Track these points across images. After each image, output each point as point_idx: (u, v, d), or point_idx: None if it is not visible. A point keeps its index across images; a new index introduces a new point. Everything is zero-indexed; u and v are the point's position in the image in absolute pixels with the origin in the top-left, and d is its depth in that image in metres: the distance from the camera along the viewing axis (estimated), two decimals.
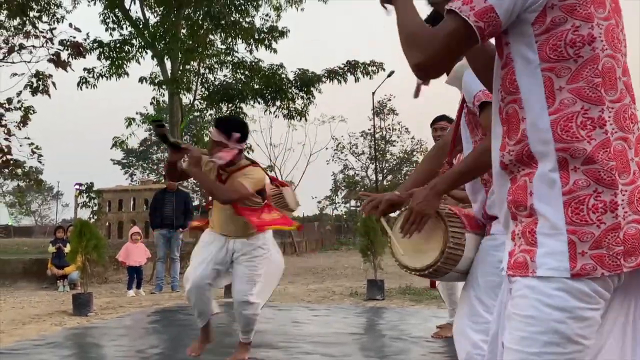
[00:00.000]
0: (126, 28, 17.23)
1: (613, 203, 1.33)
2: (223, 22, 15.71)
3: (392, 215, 2.49)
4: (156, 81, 17.17)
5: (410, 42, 1.44)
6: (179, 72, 16.72)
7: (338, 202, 42.88)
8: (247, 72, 17.06)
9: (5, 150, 13.91)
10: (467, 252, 2.26)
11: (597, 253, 1.32)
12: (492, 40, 1.51)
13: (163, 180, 19.89)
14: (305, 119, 17.58)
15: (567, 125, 1.35)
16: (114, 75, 16.70)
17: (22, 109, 14.08)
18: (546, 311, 1.33)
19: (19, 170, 14.75)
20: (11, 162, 14.18)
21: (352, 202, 41.93)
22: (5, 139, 13.93)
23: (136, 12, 17.28)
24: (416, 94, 1.91)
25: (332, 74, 16.54)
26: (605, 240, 1.33)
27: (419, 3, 1.59)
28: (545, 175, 1.37)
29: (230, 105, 16.53)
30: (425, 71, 1.45)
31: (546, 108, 1.37)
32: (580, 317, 1.33)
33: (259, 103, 16.86)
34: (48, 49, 13.58)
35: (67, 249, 10.12)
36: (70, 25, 13.72)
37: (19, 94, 14.13)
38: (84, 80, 16.36)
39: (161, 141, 4.20)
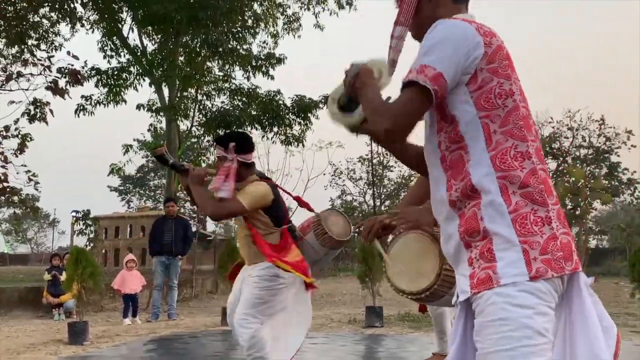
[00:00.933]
0: (124, 55, 17.35)
1: (547, 218, 1.63)
2: (220, 49, 15.81)
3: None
4: (154, 108, 17.21)
5: (376, 113, 1.71)
6: (177, 99, 16.79)
7: None
8: (244, 99, 17.13)
9: (2, 177, 13.86)
10: None
11: (545, 258, 1.59)
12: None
13: (161, 207, 19.84)
14: (303, 145, 17.63)
15: (504, 158, 1.66)
16: (111, 103, 16.75)
17: (20, 136, 14.07)
18: (515, 310, 1.55)
19: (16, 198, 14.69)
20: (8, 189, 14.12)
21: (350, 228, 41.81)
22: (2, 167, 13.89)
23: (134, 40, 17.43)
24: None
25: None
26: (548, 247, 1.61)
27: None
28: (492, 201, 1.64)
29: (227, 131, 16.55)
30: (393, 135, 1.70)
31: (486, 148, 1.67)
32: (543, 313, 1.57)
33: (256, 129, 16.90)
34: (46, 77, 13.61)
35: (63, 276, 10.04)
36: (69, 53, 13.77)
37: (16, 121, 14.14)
38: (81, 108, 16.40)
39: (161, 164, 4.13)
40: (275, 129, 16.92)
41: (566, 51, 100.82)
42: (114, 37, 17.07)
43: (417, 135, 1.85)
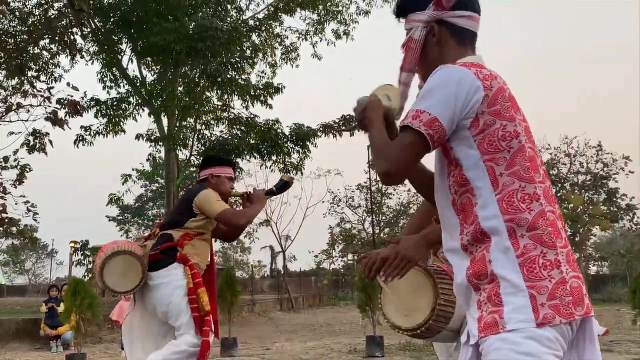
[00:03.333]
0: (123, 86, 17.45)
1: (557, 261, 1.61)
2: (219, 79, 15.92)
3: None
4: (153, 138, 17.26)
5: (378, 156, 1.76)
6: (176, 129, 16.85)
7: (335, 256, 42.58)
8: (243, 128, 17.19)
9: (1, 209, 13.85)
10: (458, 309, 2.21)
11: (554, 303, 1.57)
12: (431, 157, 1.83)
13: None
14: (302, 173, 17.65)
15: (511, 201, 1.65)
16: (111, 133, 16.81)
17: (19, 167, 14.10)
18: (519, 358, 1.53)
19: (14, 229, 14.65)
20: (6, 220, 14.10)
21: (350, 256, 41.67)
22: (1, 197, 13.89)
23: (134, 71, 17.54)
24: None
25: (328, 129, 16.69)
26: (557, 292, 1.58)
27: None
28: (500, 245, 1.63)
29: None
30: (391, 177, 1.74)
31: (493, 191, 1.67)
32: None
33: (255, 158, 16.94)
34: (46, 108, 13.70)
35: (61, 308, 9.97)
36: (69, 84, 13.88)
37: (15, 152, 14.18)
38: (81, 138, 16.45)
39: (282, 193, 4.54)
40: (274, 158, 16.95)
41: (564, 76, 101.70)
42: (114, 68, 17.19)
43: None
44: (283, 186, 4.39)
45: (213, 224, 4.22)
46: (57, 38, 14.76)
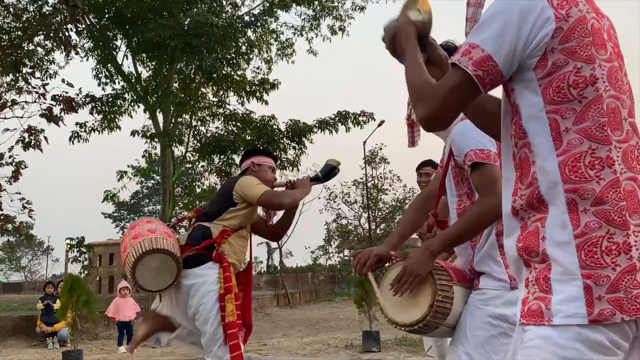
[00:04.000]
0: (118, 82, 17.43)
1: (626, 244, 1.31)
2: (215, 75, 15.90)
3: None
4: (148, 134, 17.26)
5: (416, 97, 1.50)
6: (171, 125, 16.84)
7: (331, 252, 42.67)
8: (238, 124, 17.19)
9: None
10: (456, 305, 2.22)
11: (615, 297, 1.29)
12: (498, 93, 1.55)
13: None
14: (297, 169, 17.65)
15: (576, 166, 1.35)
16: (106, 129, 16.79)
17: (14, 164, 14.05)
18: None
19: (10, 226, 14.61)
20: (2, 217, 14.06)
21: (346, 252, 41.72)
22: None
23: (128, 67, 17.53)
24: (411, 144, 1.91)
25: (323, 125, 16.69)
26: (622, 284, 1.29)
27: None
28: (556, 219, 1.35)
29: (222, 156, 16.60)
30: (430, 124, 1.49)
31: (554, 150, 1.37)
32: None
33: None
34: (40, 104, 13.62)
35: (57, 305, 9.96)
36: (63, 80, 13.80)
37: (10, 149, 14.13)
38: (76, 135, 16.43)
39: (330, 178, 4.12)
40: None
41: None
42: (109, 65, 17.16)
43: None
44: (330, 171, 4.03)
45: (252, 216, 4.02)
46: (51, 34, 14.67)
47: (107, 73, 17.37)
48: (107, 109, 16.71)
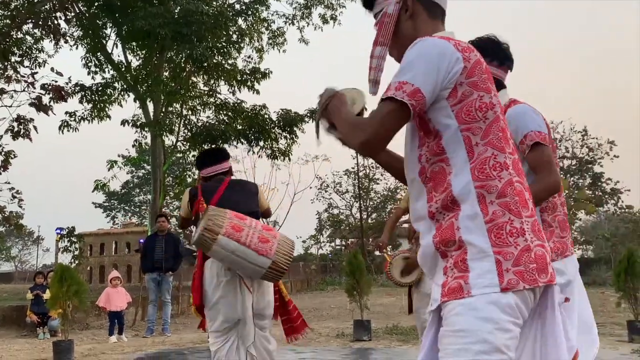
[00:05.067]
0: (108, 71, 17.32)
1: (522, 229, 1.65)
2: (205, 64, 15.82)
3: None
4: (138, 123, 17.16)
5: (353, 128, 1.76)
6: (162, 114, 16.76)
7: (323, 241, 42.75)
8: (229, 113, 17.14)
9: None
10: None
11: (518, 269, 1.60)
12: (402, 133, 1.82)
13: (146, 223, 19.64)
14: (289, 159, 17.64)
15: (482, 167, 1.69)
16: (96, 119, 16.69)
17: (3, 153, 13.95)
18: (477, 323, 1.56)
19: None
20: None
21: (337, 241, 41.83)
22: None
23: (118, 56, 17.42)
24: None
25: (315, 114, 16.66)
26: (522, 259, 1.61)
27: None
28: (468, 211, 1.66)
29: (213, 146, 16.55)
30: (370, 147, 1.75)
31: (468, 161, 1.70)
32: (506, 329, 1.56)
33: (242, 143, 16.90)
34: (30, 93, 13.51)
35: (46, 295, 9.92)
36: (52, 69, 13.67)
37: None
38: (65, 124, 16.33)
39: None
40: (261, 143, 16.93)
41: (550, 62, 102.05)
42: (98, 53, 17.04)
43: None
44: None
45: None
46: (40, 22, 14.53)
47: (96, 62, 17.25)
48: (97, 98, 16.61)
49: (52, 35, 15.18)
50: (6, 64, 14.63)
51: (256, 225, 3.92)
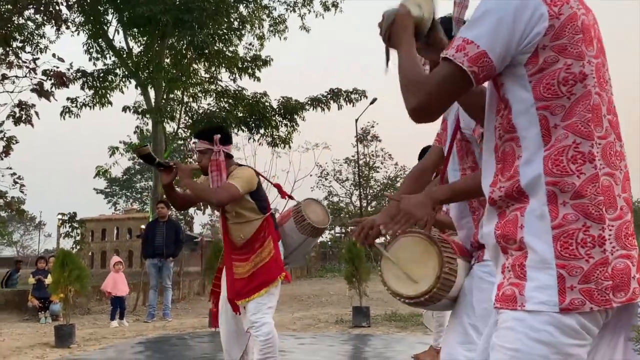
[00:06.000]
0: (110, 58, 17.28)
1: (601, 238, 1.35)
2: (206, 51, 15.81)
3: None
4: (140, 110, 17.18)
5: (407, 88, 1.48)
6: (163, 101, 16.76)
7: None
8: (230, 101, 17.14)
9: None
10: (458, 278, 2.24)
11: (586, 287, 1.33)
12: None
13: (147, 210, 19.64)
14: (289, 147, 17.65)
15: (558, 159, 1.38)
16: (97, 105, 16.70)
17: (5, 139, 13.99)
18: (531, 345, 1.34)
19: (1, 201, 14.59)
20: None
21: (337, 229, 41.89)
22: None
23: (120, 42, 17.36)
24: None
25: (316, 102, 16.67)
26: (594, 275, 1.34)
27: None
28: (536, 209, 1.39)
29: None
30: (419, 115, 1.48)
31: (542, 146, 1.40)
32: (566, 353, 1.33)
33: (242, 131, 16.92)
34: (31, 79, 13.53)
35: (48, 279, 10.01)
36: (54, 55, 13.71)
37: (1, 124, 14.06)
38: (67, 110, 16.34)
39: (147, 163, 4.09)
40: (262, 131, 16.95)
41: None
42: (100, 39, 17.00)
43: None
44: (144, 158, 4.04)
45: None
46: (42, 8, 14.52)
47: (98, 48, 17.21)
48: (98, 84, 16.59)
49: (53, 21, 15.16)
50: (8, 49, 14.63)
51: None
